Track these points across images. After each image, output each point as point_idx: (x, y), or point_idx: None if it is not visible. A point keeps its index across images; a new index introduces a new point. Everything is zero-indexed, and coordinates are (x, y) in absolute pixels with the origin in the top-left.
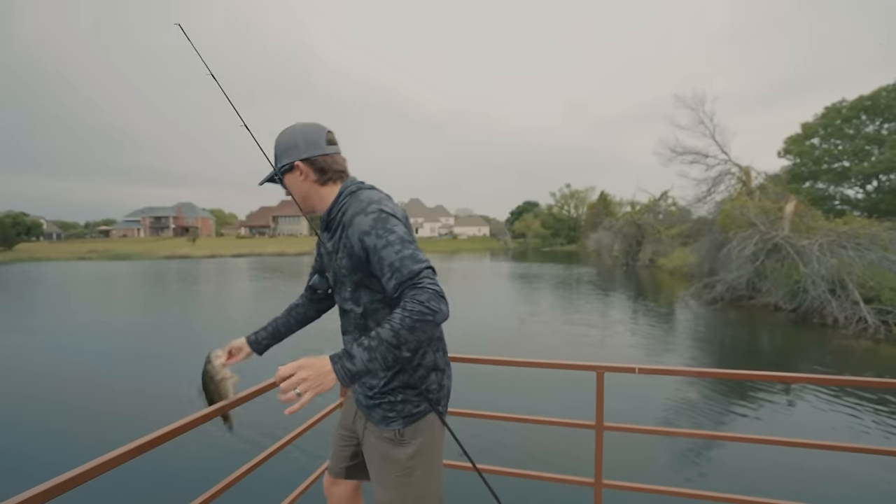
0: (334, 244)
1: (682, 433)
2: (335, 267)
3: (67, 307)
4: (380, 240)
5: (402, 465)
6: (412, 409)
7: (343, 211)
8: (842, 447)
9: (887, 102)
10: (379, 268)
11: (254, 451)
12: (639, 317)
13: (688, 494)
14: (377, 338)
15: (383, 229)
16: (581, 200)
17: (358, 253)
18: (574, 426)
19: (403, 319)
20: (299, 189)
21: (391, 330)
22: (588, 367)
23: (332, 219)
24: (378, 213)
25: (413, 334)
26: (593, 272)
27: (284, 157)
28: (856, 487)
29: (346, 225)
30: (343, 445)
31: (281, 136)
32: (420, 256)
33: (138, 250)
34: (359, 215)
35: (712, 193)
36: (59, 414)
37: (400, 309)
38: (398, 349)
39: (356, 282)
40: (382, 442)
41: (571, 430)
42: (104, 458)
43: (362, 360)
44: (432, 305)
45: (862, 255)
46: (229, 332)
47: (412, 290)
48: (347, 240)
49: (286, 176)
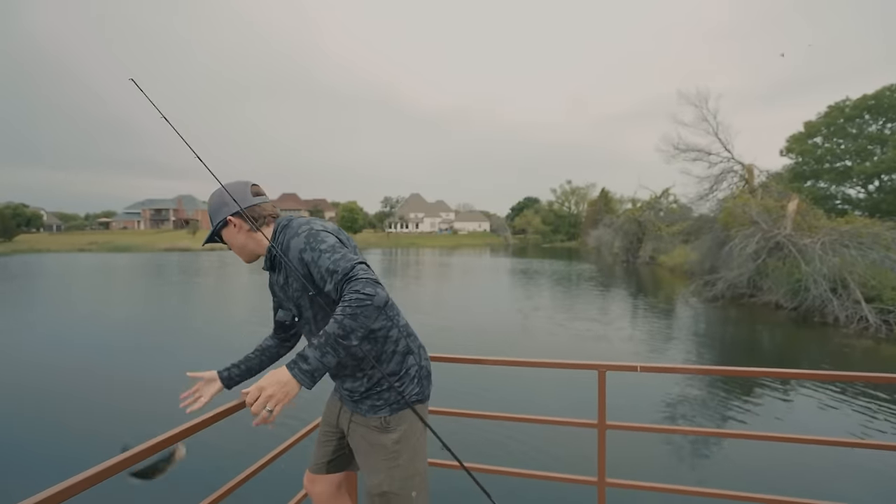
0: (283, 276)
1: (684, 431)
2: (292, 296)
3: (68, 298)
4: (314, 252)
5: (388, 450)
6: (396, 396)
7: (281, 244)
8: (844, 443)
9: (891, 102)
10: (320, 279)
11: (244, 463)
12: (639, 314)
13: (691, 492)
14: (325, 334)
15: (315, 241)
16: (582, 197)
17: (302, 271)
18: (576, 425)
19: (344, 309)
20: (237, 240)
21: (335, 322)
22: (590, 365)
23: (273, 256)
24: (308, 230)
25: (356, 321)
26: (594, 269)
27: (217, 216)
28: (858, 483)
29: (286, 251)
30: (325, 441)
31: (210, 200)
32: (350, 256)
33: (138, 242)
34: (293, 238)
35: (714, 191)
36: (59, 406)
37: (341, 302)
38: (346, 339)
39: (311, 299)
40: (370, 430)
41: (574, 429)
42: (105, 464)
43: (315, 358)
44: (367, 291)
45: (864, 255)
46: (229, 324)
47: (348, 283)
48: (290, 263)
49: (223, 231)
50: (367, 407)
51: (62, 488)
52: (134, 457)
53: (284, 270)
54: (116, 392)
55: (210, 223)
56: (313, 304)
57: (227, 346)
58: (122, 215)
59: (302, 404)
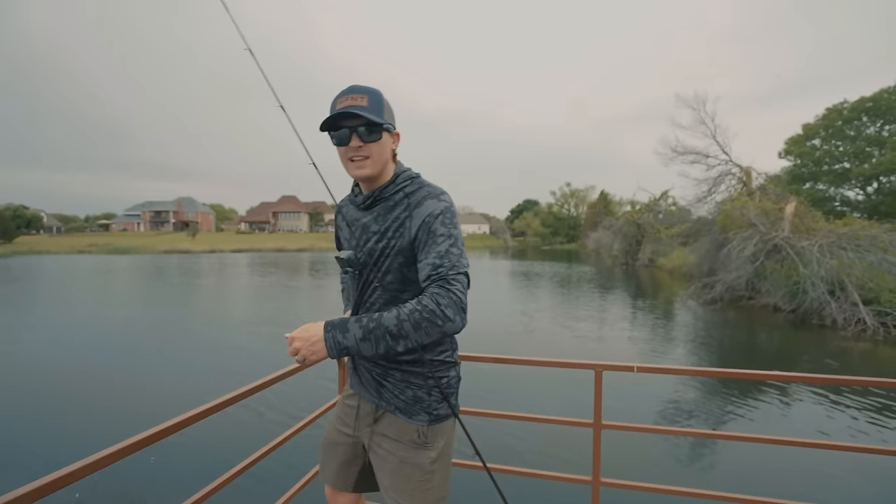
0: (382, 219)
1: (679, 432)
2: (381, 247)
3: (67, 300)
4: (444, 227)
5: (424, 470)
6: (436, 404)
7: (404, 192)
8: (839, 446)
9: (888, 104)
10: (426, 250)
11: (249, 448)
12: (638, 316)
13: (685, 493)
14: (378, 321)
15: (450, 222)
16: (581, 199)
17: (415, 233)
18: (572, 424)
19: (413, 313)
20: (384, 154)
21: (396, 318)
22: (587, 365)
23: (384, 196)
24: (450, 205)
25: (416, 332)
26: (593, 271)
27: (390, 118)
28: (853, 486)
29: (413, 205)
30: (345, 452)
31: (383, 97)
32: (464, 261)
33: (138, 244)
34: (432, 199)
35: (713, 193)
36: (58, 407)
37: (415, 301)
38: (395, 340)
39: (399, 265)
40: (403, 446)
41: (569, 428)
42: (103, 453)
43: (355, 338)
44: (448, 312)
45: (862, 257)
46: (229, 327)
47: (439, 287)
48: (409, 219)
49: (384, 135)
50: (401, 406)
51: (64, 473)
52: (134, 445)
53: (391, 216)
54: (116, 394)
55: (374, 114)
56: (390, 270)
57: (228, 347)
58: (121, 217)
59: (301, 403)
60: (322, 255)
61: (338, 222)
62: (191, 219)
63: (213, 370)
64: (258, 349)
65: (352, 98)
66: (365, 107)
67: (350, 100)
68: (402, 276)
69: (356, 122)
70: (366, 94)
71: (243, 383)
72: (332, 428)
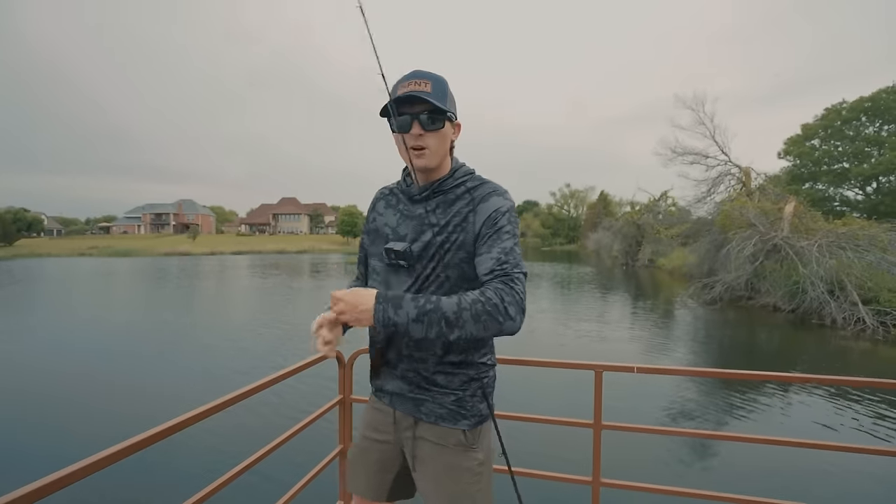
0: (441, 212)
1: (679, 432)
2: (440, 241)
3: (68, 303)
4: (509, 224)
5: (473, 473)
6: (479, 405)
7: (465, 186)
8: (839, 447)
9: (887, 104)
10: (489, 243)
11: (250, 449)
12: (638, 316)
13: (685, 493)
14: (436, 303)
15: (515, 221)
16: (581, 200)
17: (479, 228)
18: (572, 425)
19: (476, 303)
20: (444, 145)
21: (457, 305)
22: (587, 366)
23: (442, 189)
24: (513, 205)
25: (475, 325)
26: (593, 272)
27: (452, 107)
28: (853, 487)
29: (477, 200)
30: (379, 460)
31: (447, 85)
32: (524, 264)
33: (139, 247)
34: (497, 195)
35: (712, 194)
36: (59, 410)
37: (479, 292)
38: (450, 329)
39: (460, 260)
40: (446, 450)
41: (569, 429)
42: (105, 452)
43: (408, 316)
44: (511, 310)
45: (861, 257)
46: (230, 329)
47: (503, 283)
48: (473, 214)
49: (446, 124)
50: (441, 414)
51: (66, 473)
52: (135, 445)
53: (451, 210)
54: (117, 397)
55: (438, 101)
56: (449, 265)
57: (228, 348)
58: (122, 220)
59: (301, 404)
60: (323, 256)
61: (379, 209)
62: (191, 221)
63: (214, 371)
64: (259, 350)
65: (416, 83)
66: (429, 93)
67: (414, 84)
68: (460, 272)
69: (419, 108)
70: (430, 79)
71: (243, 384)
72: (361, 437)
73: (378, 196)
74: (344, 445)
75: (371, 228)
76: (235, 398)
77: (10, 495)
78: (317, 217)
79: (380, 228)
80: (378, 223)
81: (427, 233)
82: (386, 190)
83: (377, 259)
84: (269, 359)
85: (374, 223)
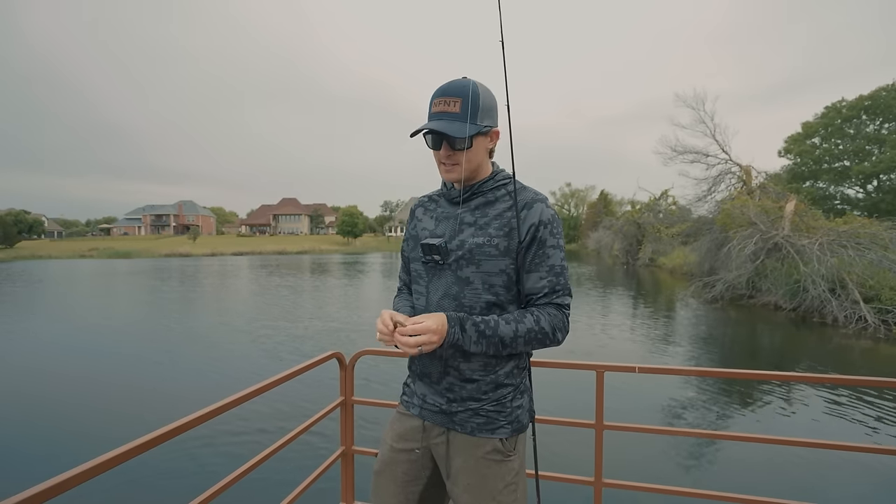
0: (482, 216)
1: (681, 432)
2: (478, 241)
3: (69, 304)
4: (553, 238)
5: (507, 482)
6: (518, 412)
7: (506, 189)
8: (842, 446)
9: (887, 102)
10: (535, 262)
11: (251, 450)
12: (639, 316)
13: (688, 493)
14: (494, 329)
15: (558, 231)
16: (581, 199)
17: (524, 237)
18: (574, 425)
19: (531, 331)
20: (476, 157)
21: (513, 333)
22: (588, 366)
23: (482, 191)
24: (556, 212)
25: (527, 347)
26: (594, 271)
27: (487, 119)
28: (856, 486)
29: (521, 205)
30: (408, 471)
31: (484, 91)
32: (569, 282)
33: (139, 248)
34: (540, 202)
35: (713, 192)
36: (60, 412)
37: (533, 320)
38: (503, 350)
39: (498, 261)
40: (481, 460)
41: (571, 429)
42: (109, 455)
43: (470, 340)
44: (559, 336)
45: (862, 255)
46: (231, 330)
47: (557, 310)
48: (516, 220)
49: (480, 134)
50: (479, 423)
51: (70, 476)
52: (140, 446)
53: (491, 212)
54: (118, 399)
55: (467, 120)
56: (490, 272)
57: (228, 350)
58: (122, 221)
59: (303, 405)
60: (323, 257)
61: (417, 216)
62: (191, 222)
63: (214, 372)
64: (260, 352)
65: (444, 102)
66: (456, 114)
67: (443, 104)
68: (506, 279)
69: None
70: (460, 96)
71: (243, 385)
72: (387, 447)
73: (416, 205)
74: (346, 447)
75: (411, 235)
76: (237, 400)
77: (12, 499)
78: (317, 217)
79: (419, 233)
80: (417, 229)
81: (465, 231)
82: (425, 198)
83: (419, 263)
84: (269, 359)
85: (413, 230)
